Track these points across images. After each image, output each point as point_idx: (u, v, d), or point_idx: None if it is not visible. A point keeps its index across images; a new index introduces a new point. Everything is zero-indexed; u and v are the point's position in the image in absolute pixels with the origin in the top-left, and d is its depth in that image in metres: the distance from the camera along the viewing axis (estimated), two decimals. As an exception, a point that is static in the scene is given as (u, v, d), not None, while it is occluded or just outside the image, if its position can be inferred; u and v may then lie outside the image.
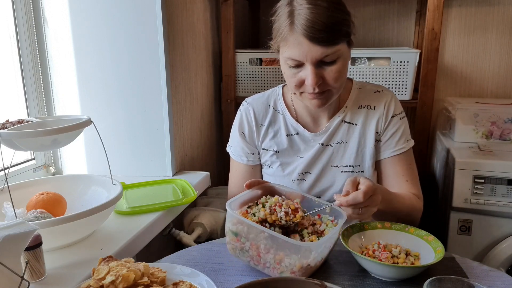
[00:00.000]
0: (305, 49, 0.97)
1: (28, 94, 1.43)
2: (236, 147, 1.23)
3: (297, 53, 0.99)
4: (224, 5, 1.81)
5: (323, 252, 0.88)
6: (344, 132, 1.15)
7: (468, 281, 0.73)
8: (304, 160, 1.17)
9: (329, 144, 1.16)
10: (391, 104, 1.15)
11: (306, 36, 0.96)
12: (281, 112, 1.19)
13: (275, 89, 1.24)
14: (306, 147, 1.17)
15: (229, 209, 0.89)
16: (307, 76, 1.00)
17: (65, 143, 1.09)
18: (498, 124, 1.71)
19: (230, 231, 0.89)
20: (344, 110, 1.16)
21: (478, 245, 1.58)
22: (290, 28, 0.98)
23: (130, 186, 1.38)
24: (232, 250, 0.91)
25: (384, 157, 1.16)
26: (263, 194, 1.00)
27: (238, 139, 1.22)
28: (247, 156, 1.21)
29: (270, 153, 1.19)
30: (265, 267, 0.87)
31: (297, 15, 0.97)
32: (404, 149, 1.15)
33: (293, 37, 0.98)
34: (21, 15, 1.38)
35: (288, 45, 1.00)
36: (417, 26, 2.10)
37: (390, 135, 1.15)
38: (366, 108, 1.16)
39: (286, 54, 1.01)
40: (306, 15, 0.95)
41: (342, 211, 0.94)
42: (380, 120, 1.15)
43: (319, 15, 0.95)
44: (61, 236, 0.98)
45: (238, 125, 1.22)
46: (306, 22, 0.95)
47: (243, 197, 0.97)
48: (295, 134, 1.18)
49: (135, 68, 1.44)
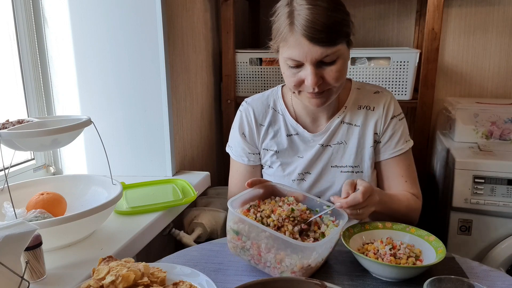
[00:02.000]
0: (305, 50, 0.97)
1: (28, 94, 1.43)
2: (236, 148, 1.23)
3: (297, 53, 0.99)
4: (224, 5, 1.81)
5: (323, 253, 0.88)
6: (344, 132, 1.16)
7: (468, 281, 0.73)
8: (304, 160, 1.17)
9: (328, 144, 1.16)
10: (390, 105, 1.15)
11: (306, 37, 0.96)
12: (280, 113, 1.19)
13: (275, 89, 1.24)
14: (306, 147, 1.17)
15: (231, 207, 0.89)
16: (306, 76, 1.00)
17: (65, 143, 1.09)
18: (498, 124, 1.71)
19: (231, 230, 0.89)
20: (343, 111, 1.16)
21: (478, 245, 1.58)
22: (290, 29, 0.98)
23: (130, 186, 1.38)
24: (233, 248, 0.91)
25: (383, 158, 1.16)
26: (265, 193, 1.00)
27: (238, 140, 1.22)
28: (248, 156, 1.21)
29: (270, 153, 1.19)
30: (266, 267, 0.87)
31: (296, 15, 0.97)
32: (404, 150, 1.15)
33: (293, 38, 0.98)
34: (21, 15, 1.38)
35: (288, 46, 1.00)
36: (417, 26, 2.10)
37: (390, 136, 1.15)
38: (365, 108, 1.16)
39: (286, 54, 1.01)
40: (306, 15, 0.95)
41: (343, 212, 0.94)
42: (379, 121, 1.15)
43: (319, 16, 0.95)
44: (61, 236, 0.98)
45: (238, 126, 1.22)
46: (306, 23, 0.95)
47: (244, 196, 0.97)
48: (295, 134, 1.18)
49: (135, 68, 1.44)
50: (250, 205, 0.96)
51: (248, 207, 0.95)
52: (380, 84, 1.75)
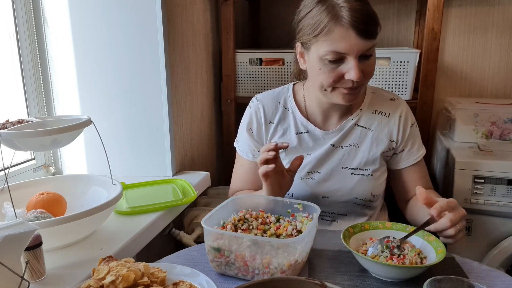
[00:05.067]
0: (352, 42, 0.99)
1: (28, 94, 1.43)
2: (243, 143, 1.24)
3: (344, 46, 1.00)
4: (224, 5, 1.81)
5: (306, 247, 0.89)
6: (357, 135, 1.18)
7: (468, 281, 0.73)
8: (313, 158, 1.18)
9: (340, 146, 1.18)
10: (408, 114, 1.20)
11: (356, 28, 0.98)
12: (290, 110, 1.21)
13: (286, 87, 1.25)
14: (315, 145, 1.19)
15: (206, 226, 0.87)
16: (349, 70, 1.01)
17: (65, 143, 1.09)
18: (498, 124, 1.71)
19: (211, 249, 0.88)
20: (358, 114, 1.18)
21: (478, 245, 1.58)
22: (336, 22, 0.99)
23: (130, 186, 1.38)
24: (217, 267, 0.90)
25: (408, 165, 1.20)
26: (236, 211, 1.00)
27: (245, 136, 1.23)
28: (253, 153, 1.22)
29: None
30: (255, 275, 0.86)
31: (342, 8, 0.99)
32: (422, 156, 1.21)
33: (339, 30, 0.99)
34: (21, 15, 1.38)
35: (332, 39, 1.00)
36: (417, 26, 2.09)
37: (411, 144, 1.19)
38: (381, 114, 1.18)
39: (328, 47, 1.01)
40: (354, 8, 0.98)
41: (314, 206, 0.96)
42: (395, 129, 1.18)
43: (365, 9, 1.00)
44: (61, 236, 0.98)
45: (247, 122, 1.23)
46: (356, 14, 0.98)
47: (218, 213, 0.96)
48: (305, 132, 1.19)
49: (135, 68, 1.44)
50: (223, 223, 0.96)
51: (223, 224, 0.95)
52: (380, 84, 1.75)
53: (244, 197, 1.05)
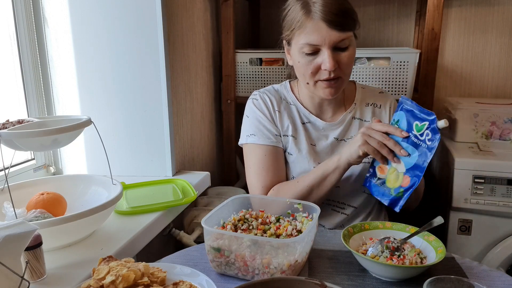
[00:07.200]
0: (323, 34, 1.06)
1: (28, 94, 1.43)
2: (261, 130, 1.21)
3: (315, 37, 1.06)
4: (224, 5, 1.81)
5: (306, 247, 0.89)
6: (356, 128, 1.24)
7: (468, 281, 0.73)
8: (317, 150, 1.22)
9: (343, 139, 1.24)
10: (394, 106, 1.27)
11: (325, 20, 1.05)
12: (292, 103, 1.26)
13: (283, 84, 1.30)
14: (319, 135, 1.23)
15: (206, 226, 0.87)
16: (323, 61, 1.07)
17: (65, 143, 1.09)
18: (498, 124, 1.71)
19: (211, 249, 0.88)
20: (354, 107, 1.25)
21: (478, 245, 1.58)
22: (307, 16, 1.07)
23: (130, 186, 1.38)
24: (217, 267, 0.90)
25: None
26: (235, 210, 1.01)
27: (261, 121, 1.22)
28: (275, 137, 1.22)
29: (290, 139, 1.23)
30: (254, 275, 0.86)
31: (313, 3, 1.07)
32: None
33: (311, 23, 1.06)
34: (21, 15, 1.38)
35: (306, 32, 1.08)
36: (417, 26, 2.09)
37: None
38: (373, 106, 1.26)
39: (303, 40, 1.08)
40: (325, 3, 1.05)
41: (314, 206, 0.96)
42: (387, 118, 1.25)
43: (334, 2, 1.06)
44: (61, 236, 0.98)
45: (258, 110, 1.24)
46: (324, 8, 1.05)
47: (218, 213, 0.96)
48: (308, 123, 1.24)
49: (135, 68, 1.44)
50: (224, 222, 0.96)
51: (223, 224, 0.95)
52: (380, 84, 1.75)
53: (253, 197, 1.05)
